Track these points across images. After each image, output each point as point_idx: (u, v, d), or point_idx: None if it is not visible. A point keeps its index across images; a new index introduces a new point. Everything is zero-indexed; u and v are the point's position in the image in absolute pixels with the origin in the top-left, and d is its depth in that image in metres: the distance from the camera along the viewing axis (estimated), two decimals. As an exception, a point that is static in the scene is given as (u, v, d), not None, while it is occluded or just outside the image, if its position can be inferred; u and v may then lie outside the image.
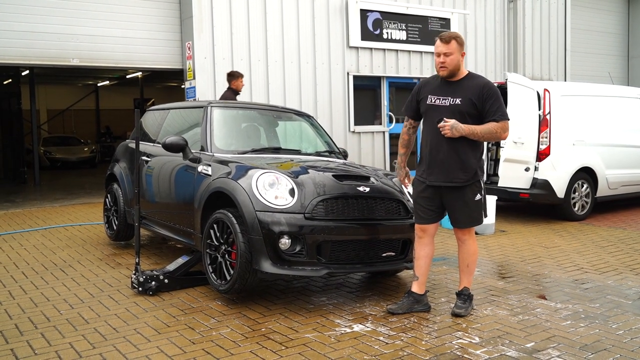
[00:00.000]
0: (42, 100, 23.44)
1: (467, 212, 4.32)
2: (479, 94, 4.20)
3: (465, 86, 4.26)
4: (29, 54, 9.72)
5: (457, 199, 4.30)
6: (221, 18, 10.69)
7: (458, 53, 4.24)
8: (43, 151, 19.69)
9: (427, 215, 4.39)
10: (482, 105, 4.20)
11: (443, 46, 4.25)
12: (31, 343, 3.84)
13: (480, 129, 4.17)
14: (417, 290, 4.46)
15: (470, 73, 4.37)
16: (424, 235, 4.44)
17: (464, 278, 4.48)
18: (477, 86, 4.23)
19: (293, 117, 6.46)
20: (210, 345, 3.79)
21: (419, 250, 4.47)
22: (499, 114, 4.19)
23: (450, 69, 4.25)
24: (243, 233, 4.42)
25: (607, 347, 3.74)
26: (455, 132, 4.13)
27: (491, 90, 4.23)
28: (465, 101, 4.21)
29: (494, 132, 4.19)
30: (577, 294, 4.89)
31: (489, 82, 4.32)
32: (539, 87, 8.26)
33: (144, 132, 6.68)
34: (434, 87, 4.38)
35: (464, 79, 4.31)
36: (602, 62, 18.47)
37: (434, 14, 13.40)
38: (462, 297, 4.44)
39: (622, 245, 6.86)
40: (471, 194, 4.30)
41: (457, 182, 4.25)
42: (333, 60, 12.05)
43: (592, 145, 8.66)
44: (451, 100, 4.25)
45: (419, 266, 4.47)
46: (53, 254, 6.50)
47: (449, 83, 4.31)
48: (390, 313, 4.37)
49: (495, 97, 4.21)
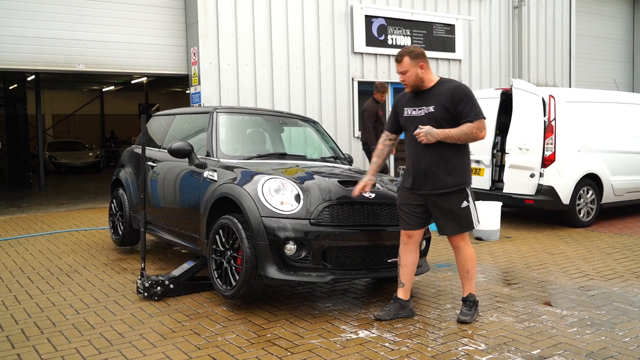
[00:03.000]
0: (47, 105, 23.55)
1: (454, 219, 4.32)
2: (450, 98, 4.23)
3: (436, 93, 4.30)
4: (35, 59, 9.78)
5: (443, 207, 4.30)
6: (226, 24, 10.74)
7: (414, 68, 4.28)
8: (48, 156, 19.75)
9: (413, 220, 4.38)
10: (455, 108, 4.22)
11: (398, 66, 4.35)
12: (37, 348, 3.85)
13: (455, 132, 4.18)
14: (402, 296, 4.47)
15: (442, 79, 4.40)
16: (409, 242, 4.42)
17: (466, 284, 4.48)
18: (447, 91, 4.26)
19: (298, 122, 6.47)
20: (216, 350, 3.79)
21: (404, 257, 4.45)
22: (473, 114, 4.19)
23: (411, 84, 4.32)
24: (249, 239, 4.42)
25: (614, 354, 3.73)
26: (430, 138, 4.15)
27: (462, 92, 4.25)
28: (438, 107, 4.25)
29: (469, 132, 4.19)
30: (583, 301, 4.88)
31: (460, 84, 4.34)
32: (544, 94, 8.25)
33: (149, 137, 6.70)
34: (408, 99, 4.44)
35: (435, 86, 4.34)
36: (607, 68, 18.45)
37: (438, 20, 13.43)
38: (468, 304, 4.44)
39: (627, 252, 6.84)
40: (457, 200, 4.29)
41: (442, 189, 4.26)
42: (338, 66, 12.08)
43: (598, 152, 8.64)
44: (425, 110, 4.30)
45: (405, 273, 4.46)
46: (58, 258, 6.51)
47: (421, 93, 4.36)
48: (378, 319, 4.37)
49: (467, 98, 4.23)
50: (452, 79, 4.50)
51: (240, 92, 10.90)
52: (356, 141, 12.28)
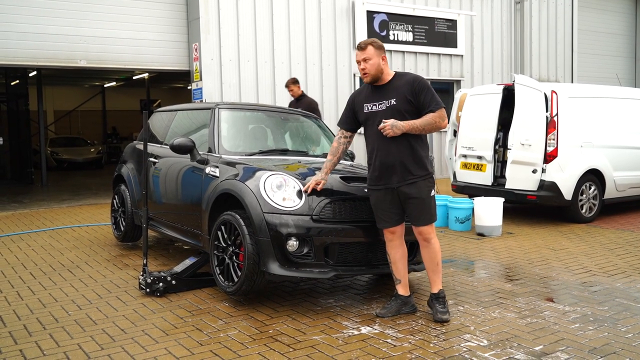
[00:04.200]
0: (49, 101, 23.51)
1: (426, 209, 4.31)
2: (411, 90, 4.24)
3: (395, 86, 4.31)
4: (37, 55, 9.78)
5: (414, 196, 4.27)
6: (228, 20, 10.73)
7: (377, 57, 4.28)
8: (50, 152, 19.75)
9: (390, 218, 4.37)
10: (416, 99, 4.24)
11: (360, 53, 4.32)
12: (40, 344, 3.85)
13: (419, 122, 4.21)
14: (402, 292, 4.46)
15: (398, 72, 4.41)
16: (393, 238, 4.41)
17: (437, 279, 4.41)
18: (407, 83, 4.28)
19: (300, 118, 6.46)
20: (218, 346, 3.79)
21: (392, 253, 4.44)
22: (434, 103, 4.22)
23: (372, 74, 4.30)
24: (251, 235, 4.42)
25: (616, 350, 3.73)
26: (396, 130, 4.16)
27: (421, 83, 4.28)
28: (400, 99, 4.26)
29: (432, 122, 4.22)
30: (586, 297, 4.87)
31: (418, 76, 4.36)
32: (546, 89, 8.23)
33: (151, 133, 6.70)
34: (367, 94, 4.43)
35: (393, 79, 4.35)
36: (609, 63, 18.40)
37: (440, 16, 13.41)
38: (441, 300, 4.37)
39: (630, 247, 6.83)
40: (427, 188, 4.31)
41: (411, 179, 4.26)
42: (339, 62, 12.07)
43: (600, 147, 8.62)
44: (386, 103, 4.30)
45: (398, 269, 4.45)
46: (61, 254, 6.52)
47: (379, 87, 4.36)
48: (379, 317, 4.36)
49: (427, 88, 4.26)
50: (407, 72, 4.53)
51: (241, 88, 10.90)
52: (358, 137, 12.24)
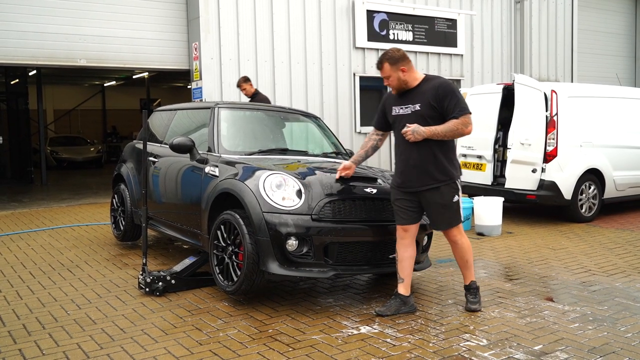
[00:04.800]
0: (49, 100, 23.50)
1: (446, 214, 4.37)
2: (435, 95, 4.27)
3: (422, 91, 4.35)
4: (37, 54, 9.77)
5: (435, 202, 4.35)
6: (228, 19, 10.72)
7: (395, 72, 4.35)
8: (50, 151, 19.74)
9: (408, 215, 4.43)
10: (440, 105, 4.27)
11: (380, 73, 4.44)
12: (39, 343, 3.85)
13: (441, 129, 4.23)
14: (403, 292, 4.48)
15: (427, 76, 4.45)
16: (406, 236, 4.45)
17: (467, 273, 4.56)
18: (432, 88, 4.31)
19: (300, 118, 6.46)
20: (218, 346, 3.79)
21: (401, 252, 4.47)
22: (458, 110, 4.24)
23: (395, 87, 4.41)
24: (250, 234, 4.42)
25: (616, 349, 3.73)
26: (417, 136, 4.23)
27: (446, 88, 4.29)
28: (424, 105, 4.30)
29: (455, 129, 4.24)
30: (585, 296, 4.87)
31: (445, 81, 4.38)
32: (546, 89, 8.23)
33: (151, 132, 6.69)
34: (395, 97, 4.50)
35: (420, 84, 4.39)
36: (609, 63, 18.39)
37: (440, 15, 13.39)
38: (472, 291, 4.53)
39: (629, 247, 6.83)
40: (449, 195, 4.35)
41: (431, 184, 4.31)
42: (339, 61, 12.06)
43: (600, 147, 8.62)
44: (412, 108, 4.36)
45: (403, 268, 4.48)
46: (60, 254, 6.52)
47: (406, 92, 4.43)
48: (379, 315, 4.38)
49: (452, 94, 4.27)
50: (437, 76, 4.55)
51: (241, 88, 10.86)
52: (358, 136, 12.27)
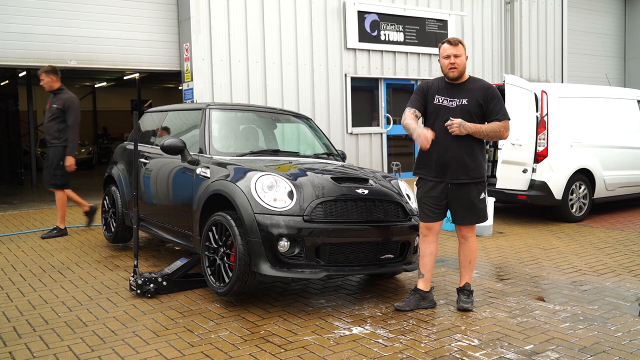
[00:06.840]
0: (39, 102, 23.36)
1: (474, 210, 4.51)
2: (484, 95, 4.45)
3: (469, 88, 4.50)
4: (26, 55, 9.71)
5: (465, 197, 4.48)
6: (219, 20, 10.69)
7: (464, 56, 4.50)
8: (40, 152, 19.62)
9: (433, 213, 4.52)
10: (487, 105, 4.45)
11: (452, 48, 4.46)
12: (29, 346, 3.83)
13: (485, 127, 4.42)
14: (423, 287, 4.59)
15: (471, 77, 4.62)
16: (429, 234, 4.56)
17: (465, 274, 4.64)
18: (481, 88, 4.49)
19: (291, 119, 6.46)
20: (209, 347, 3.78)
21: (424, 248, 4.59)
22: (502, 113, 4.45)
23: (460, 69, 4.48)
24: (242, 235, 4.41)
25: (606, 349, 3.75)
26: (462, 130, 4.35)
27: (495, 91, 4.50)
28: (472, 101, 4.44)
29: (497, 130, 4.44)
30: (576, 296, 4.90)
31: (492, 85, 4.59)
32: (537, 89, 8.27)
33: (142, 134, 6.67)
34: (440, 88, 4.57)
35: (467, 81, 4.55)
36: (599, 63, 18.50)
37: (431, 16, 13.43)
38: (466, 292, 4.60)
39: (620, 246, 6.87)
40: (477, 192, 4.51)
41: (467, 179, 4.44)
42: (331, 62, 12.06)
43: (590, 147, 8.67)
44: (458, 101, 4.46)
45: (425, 264, 4.59)
46: (51, 256, 6.48)
47: (454, 85, 4.52)
48: (398, 310, 4.47)
49: (498, 98, 4.49)
50: (481, 78, 4.77)
51: (232, 89, 10.87)
52: (349, 137, 12.28)
